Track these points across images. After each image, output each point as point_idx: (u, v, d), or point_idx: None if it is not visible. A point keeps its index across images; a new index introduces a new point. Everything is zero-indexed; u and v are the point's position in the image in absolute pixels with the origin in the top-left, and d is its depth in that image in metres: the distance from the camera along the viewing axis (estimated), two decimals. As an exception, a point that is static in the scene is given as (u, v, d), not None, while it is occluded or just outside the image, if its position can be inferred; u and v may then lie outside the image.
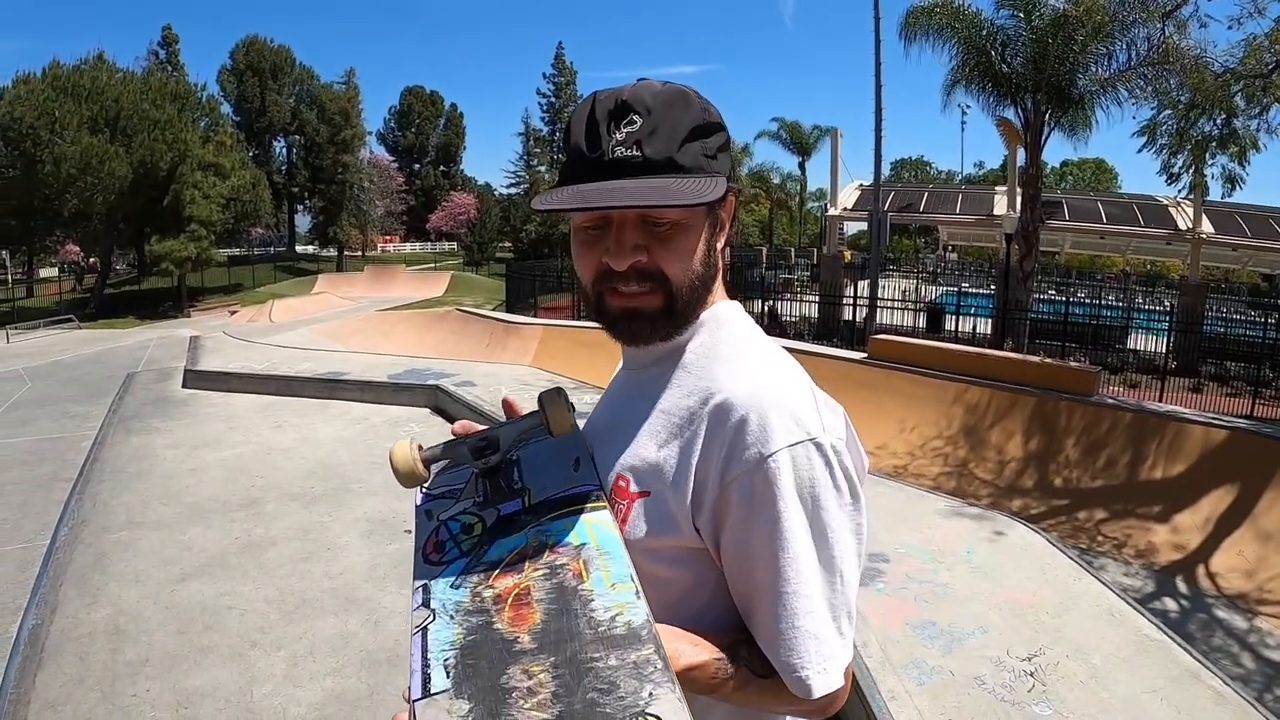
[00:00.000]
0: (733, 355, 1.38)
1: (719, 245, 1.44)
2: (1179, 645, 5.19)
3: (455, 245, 76.97)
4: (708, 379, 1.35)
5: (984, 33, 19.90)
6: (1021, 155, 21.93)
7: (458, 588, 1.25)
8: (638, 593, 1.18)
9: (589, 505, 1.31)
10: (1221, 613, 7.02)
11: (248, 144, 67.27)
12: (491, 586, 1.23)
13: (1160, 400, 15.36)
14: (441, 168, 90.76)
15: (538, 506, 1.34)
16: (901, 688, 4.62)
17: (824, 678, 1.24)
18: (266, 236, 76.42)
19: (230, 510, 8.59)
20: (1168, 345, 20.26)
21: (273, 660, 5.58)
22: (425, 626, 1.20)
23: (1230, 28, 12.47)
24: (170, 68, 63.31)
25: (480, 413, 11.40)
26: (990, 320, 23.18)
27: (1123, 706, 4.46)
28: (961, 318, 24.45)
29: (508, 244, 68.36)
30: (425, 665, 1.15)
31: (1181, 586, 7.65)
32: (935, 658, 5.00)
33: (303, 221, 79.69)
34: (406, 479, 1.39)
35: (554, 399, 1.42)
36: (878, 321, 23.48)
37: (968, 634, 5.30)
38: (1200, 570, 7.97)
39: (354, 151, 70.91)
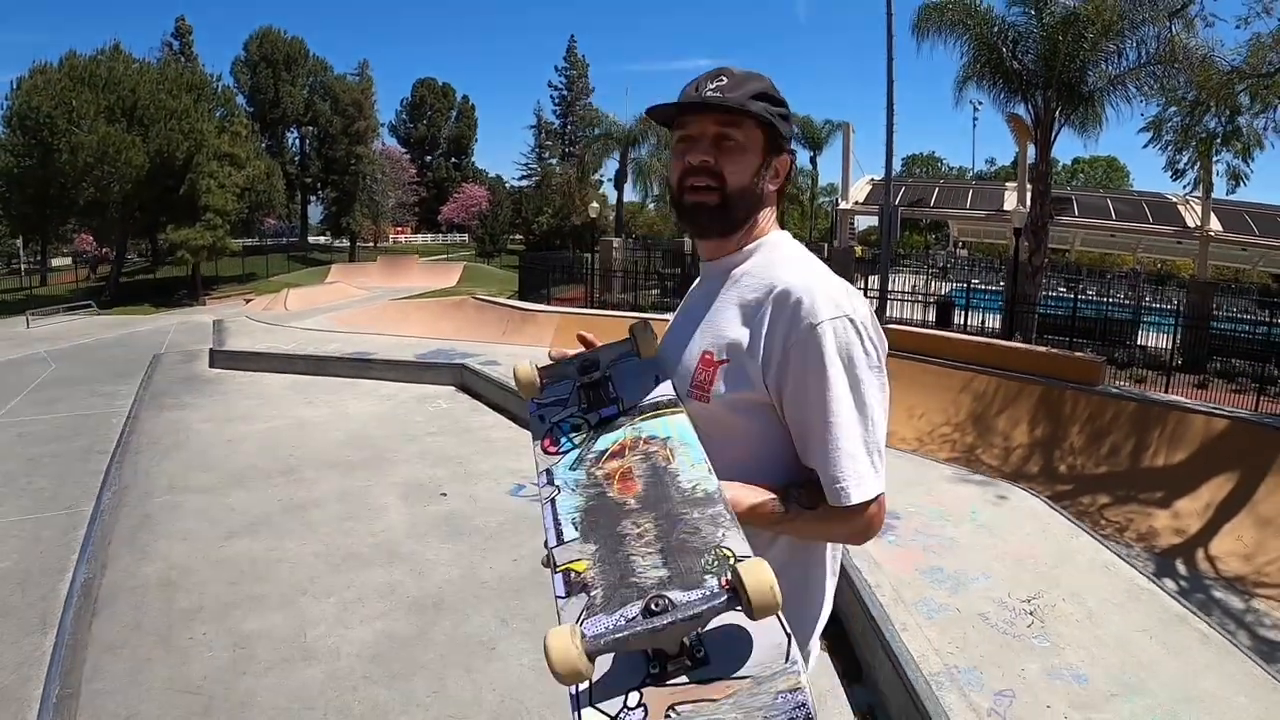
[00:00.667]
0: (786, 261, 1.84)
1: (771, 187, 1.92)
2: (1167, 594, 5.40)
3: (467, 237, 76.89)
4: (769, 278, 1.79)
5: (995, 29, 20.03)
6: (1032, 151, 21.85)
7: (575, 469, 1.70)
8: (709, 470, 1.59)
9: (669, 410, 1.75)
10: (1219, 594, 7.25)
11: (262, 134, 67.13)
12: (601, 468, 1.67)
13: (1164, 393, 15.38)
14: (453, 160, 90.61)
15: (630, 410, 1.78)
16: (912, 621, 4.86)
17: (859, 489, 1.65)
18: (279, 227, 76.35)
19: (270, 477, 8.77)
20: (1175, 342, 20.22)
21: (323, 606, 5.77)
22: (553, 499, 1.64)
23: (1238, 27, 12.68)
24: (184, 58, 63.28)
25: (505, 388, 11.71)
26: (999, 315, 23.24)
27: (1115, 643, 4.68)
28: (971, 312, 24.43)
29: (519, 236, 68.17)
30: (557, 524, 1.59)
31: (1181, 569, 7.86)
32: (943, 597, 5.24)
33: (315, 212, 79.75)
34: (527, 389, 1.91)
35: (643, 330, 1.89)
36: (888, 315, 23.47)
37: (972, 579, 5.53)
38: (1200, 554, 8.19)
39: (367, 143, 70.88)
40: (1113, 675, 4.32)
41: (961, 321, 23.51)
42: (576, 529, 1.56)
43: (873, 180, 33.84)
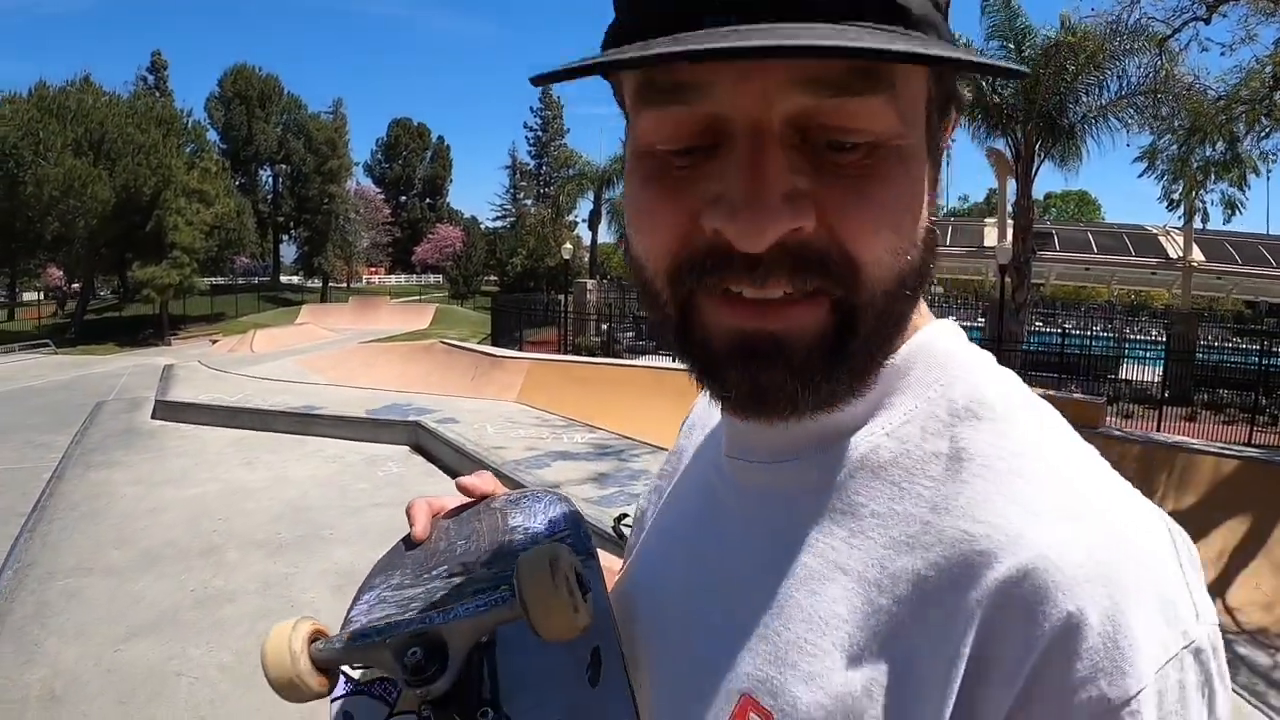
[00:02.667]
0: (1007, 460, 0.64)
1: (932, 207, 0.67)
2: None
3: (440, 278, 77.03)
4: (961, 513, 0.62)
5: (974, 63, 20.04)
6: (1012, 186, 22.03)
7: None
8: None
9: None
10: (1243, 649, 6.60)
11: (234, 172, 67.13)
12: None
13: (1158, 429, 15.36)
14: (428, 200, 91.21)
15: None
16: None
17: None
18: (251, 266, 76.45)
19: (188, 557, 7.99)
20: (1162, 375, 20.38)
21: (221, 742, 4.95)
22: None
23: (1223, 54, 12.58)
24: (159, 93, 63.66)
25: (462, 451, 10.79)
26: None
27: None
28: None
29: (493, 277, 68.24)
30: None
31: None
32: None
33: (288, 251, 79.85)
34: (286, 691, 0.71)
35: (539, 577, 0.67)
36: None
37: None
38: (1217, 605, 7.48)
39: (340, 182, 71.29)
40: None
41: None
42: None
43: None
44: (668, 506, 0.94)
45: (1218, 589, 7.83)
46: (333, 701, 0.84)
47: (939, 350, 0.72)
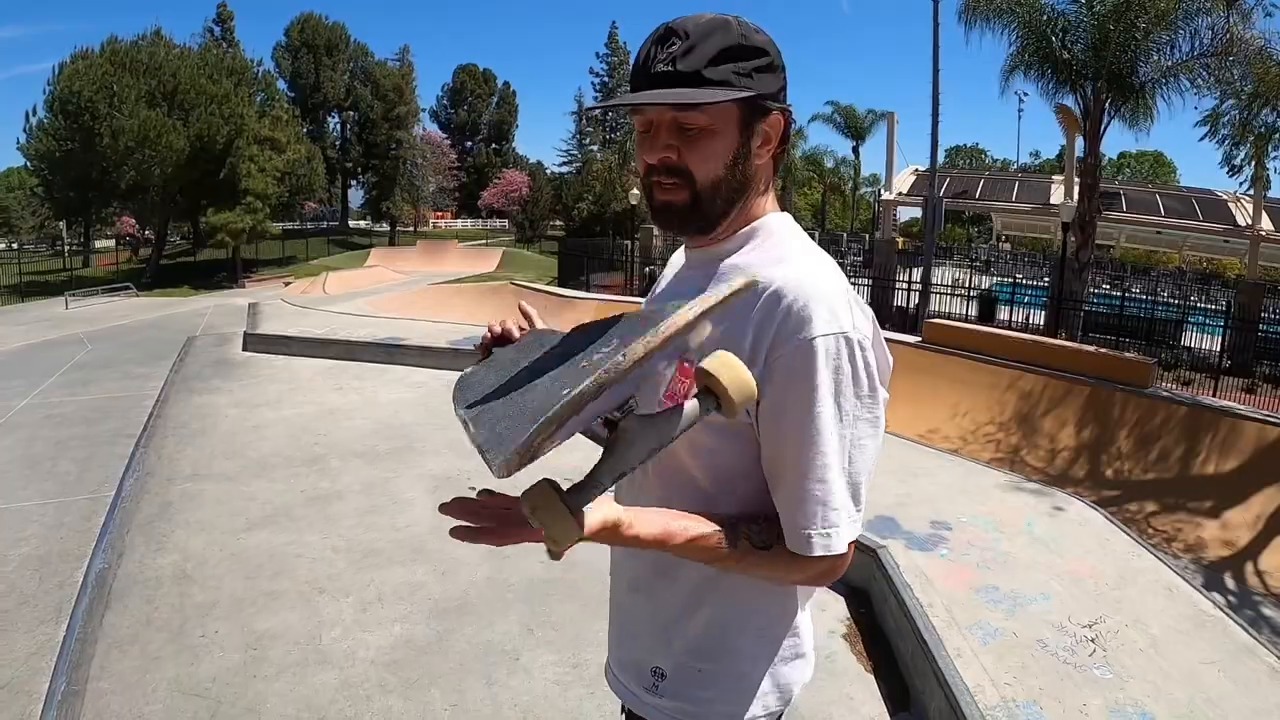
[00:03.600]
0: (784, 256, 1.55)
1: (761, 158, 1.59)
2: (1235, 622, 5.04)
3: (506, 222, 76.93)
4: (762, 276, 1.45)
5: (1044, 17, 19.36)
6: (1080, 144, 21.38)
7: None
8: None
9: None
10: (1269, 610, 6.83)
11: (302, 120, 67.24)
12: None
13: (1213, 397, 15.04)
14: (494, 145, 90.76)
15: None
16: (967, 646, 4.53)
17: (824, 540, 1.43)
18: (320, 211, 76.98)
19: (294, 465, 8.56)
20: (1223, 344, 19.79)
21: (341, 606, 5.53)
22: None
23: None
24: (225, 44, 63.56)
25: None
26: (1043, 311, 22.84)
27: (1181, 676, 4.34)
28: (1014, 308, 24.17)
29: (559, 222, 67.99)
30: None
31: (1230, 583, 7.48)
32: (999, 619, 4.92)
33: (356, 197, 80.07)
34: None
35: (736, 362, 1.32)
36: (930, 309, 23.19)
37: (1030, 600, 5.20)
38: (1249, 567, 7.82)
39: (407, 128, 71.24)
40: (1179, 714, 3.99)
41: (1004, 317, 23.14)
42: None
43: (916, 171, 33.48)
44: (655, 293, 1.89)
45: (1252, 552, 8.02)
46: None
47: (771, 224, 1.63)
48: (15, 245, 63.03)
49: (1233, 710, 4.03)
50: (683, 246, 1.80)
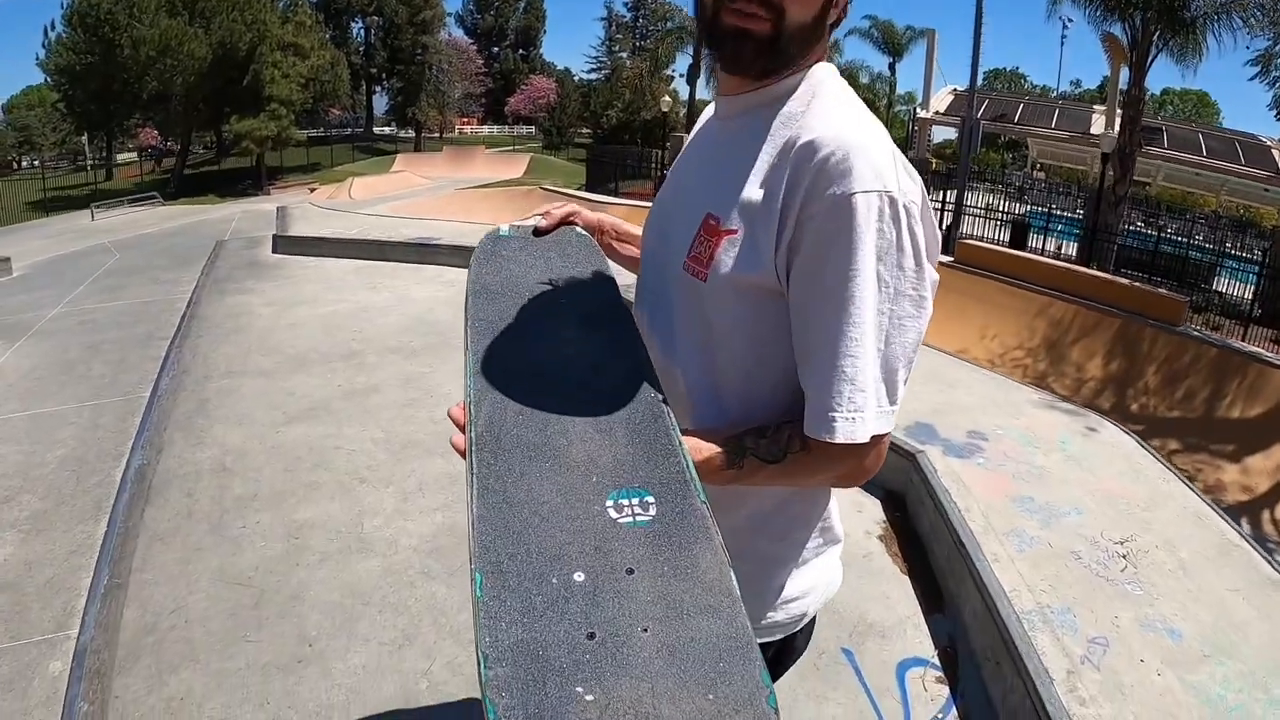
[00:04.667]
0: (825, 109, 1.37)
1: (837, 11, 1.44)
2: (1259, 553, 4.96)
3: (534, 129, 76.29)
4: (799, 127, 1.35)
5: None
6: (1125, 75, 20.83)
7: None
8: None
9: None
10: None
11: (326, 25, 66.42)
12: None
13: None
14: (521, 51, 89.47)
15: None
16: (1004, 552, 4.51)
17: (849, 425, 1.26)
18: (344, 118, 76.56)
19: (331, 361, 8.49)
20: (1256, 292, 19.35)
21: (382, 495, 5.49)
22: None
23: None
24: (246, -51, 62.69)
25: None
26: (1075, 242, 22.52)
27: (1208, 599, 4.28)
28: (1046, 236, 23.88)
29: (587, 130, 67.38)
30: None
31: (1245, 527, 7.40)
32: (1034, 529, 4.87)
33: (380, 103, 79.49)
34: None
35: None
36: (961, 230, 23.01)
37: (1064, 513, 5.13)
38: (1266, 515, 7.86)
39: (433, 33, 70.30)
40: (1205, 635, 3.92)
41: (1036, 245, 22.82)
42: None
43: (955, 91, 33.11)
44: (688, 146, 1.69)
45: (1271, 501, 8.06)
46: None
47: (818, 75, 1.43)
48: (38, 163, 63.02)
49: (1256, 636, 3.98)
50: (712, 103, 1.64)
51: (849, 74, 60.38)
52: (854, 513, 5.48)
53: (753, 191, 1.34)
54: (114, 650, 3.98)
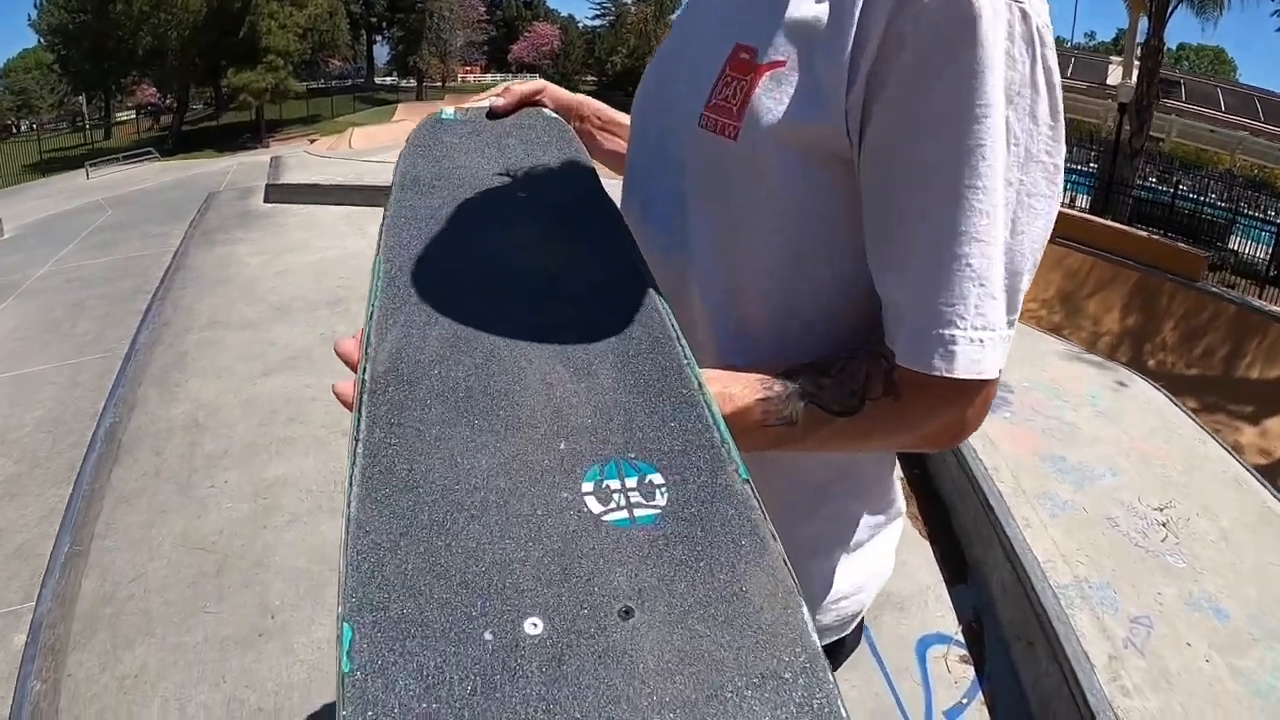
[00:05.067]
0: None
1: None
2: None
3: (538, 77, 75.79)
4: None
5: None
6: (1143, 25, 20.40)
7: None
8: None
9: None
10: None
11: (324, -27, 66.16)
12: None
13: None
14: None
15: None
16: (1036, 517, 4.20)
17: (975, 349, 0.82)
18: (345, 69, 76.21)
19: (315, 308, 8.23)
20: (1273, 253, 19.05)
21: (358, 449, 5.16)
22: None
23: None
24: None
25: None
26: (1089, 195, 22.30)
27: (1252, 573, 3.99)
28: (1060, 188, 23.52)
29: (592, 77, 67.04)
30: None
31: None
32: (1067, 492, 4.56)
33: (381, 53, 79.12)
34: None
35: None
36: None
37: (1098, 474, 4.82)
38: None
39: (434, -20, 69.72)
40: (1252, 615, 3.62)
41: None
42: None
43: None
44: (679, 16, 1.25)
45: None
46: None
47: None
48: (34, 125, 62.96)
49: None
50: None
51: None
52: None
53: (806, 6, 0.90)
54: (69, 624, 3.79)
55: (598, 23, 79.69)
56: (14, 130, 67.50)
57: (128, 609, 3.83)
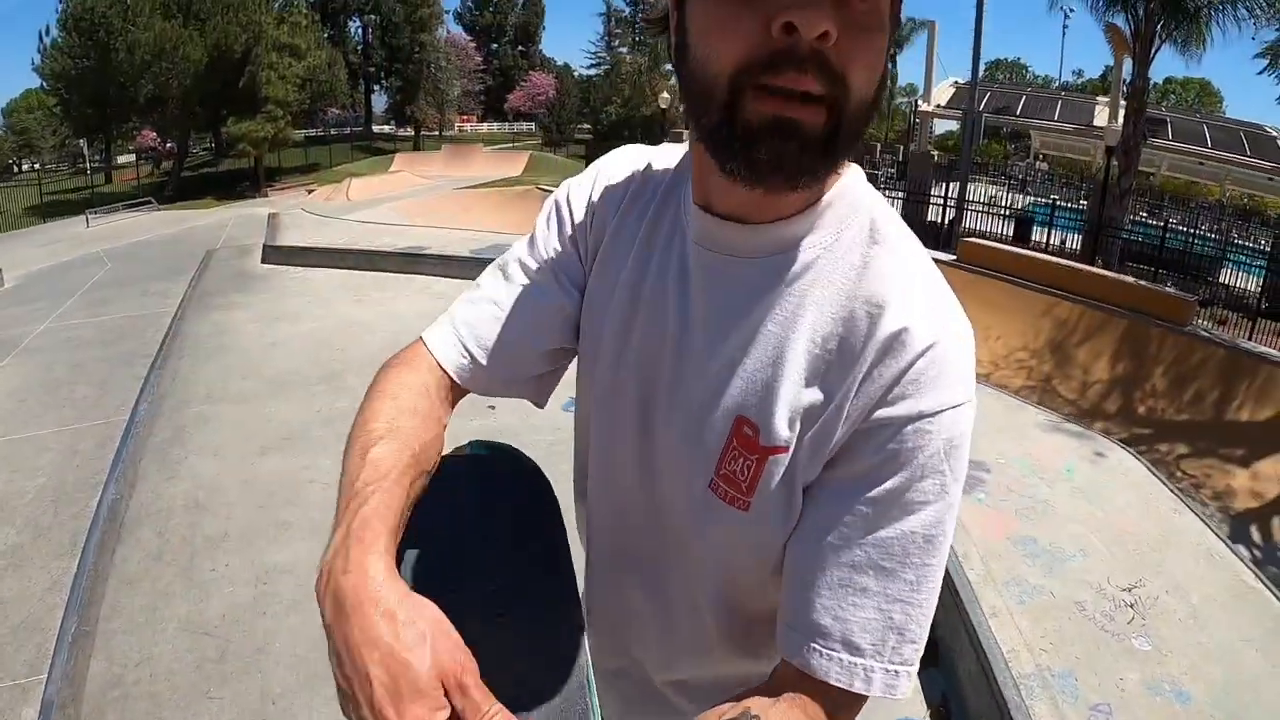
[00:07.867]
0: (893, 269, 0.99)
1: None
2: (1275, 596, 4.85)
3: (533, 126, 76.06)
4: (867, 292, 0.97)
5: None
6: (1128, 66, 20.63)
7: None
8: None
9: None
10: None
11: (323, 24, 66.16)
12: None
13: (1249, 340, 14.74)
14: (520, 48, 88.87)
15: None
16: (1003, 605, 4.40)
17: (890, 679, 0.94)
18: (343, 117, 76.27)
19: (311, 384, 8.40)
20: (1263, 285, 18.87)
21: (354, 536, 5.36)
22: None
23: None
24: (242, -50, 62.60)
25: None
26: (1079, 235, 22.28)
27: (1219, 652, 4.17)
28: (1050, 230, 23.56)
29: (587, 126, 67.16)
30: None
31: (1256, 535, 7.39)
32: (1036, 577, 4.76)
33: (379, 102, 79.28)
34: None
35: None
36: (964, 226, 22.77)
37: (1069, 555, 5.05)
38: (1276, 522, 7.67)
39: (431, 30, 70.02)
40: (1215, 697, 3.81)
41: (1040, 239, 22.69)
42: None
43: (956, 83, 32.93)
44: (643, 269, 1.16)
45: None
46: None
47: (855, 193, 1.03)
48: (37, 166, 62.96)
49: (1269, 693, 3.90)
50: (697, 221, 1.08)
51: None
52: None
53: (808, 392, 0.98)
54: (79, 706, 3.91)
55: (593, 72, 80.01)
56: (16, 170, 67.62)
57: (135, 692, 3.97)
